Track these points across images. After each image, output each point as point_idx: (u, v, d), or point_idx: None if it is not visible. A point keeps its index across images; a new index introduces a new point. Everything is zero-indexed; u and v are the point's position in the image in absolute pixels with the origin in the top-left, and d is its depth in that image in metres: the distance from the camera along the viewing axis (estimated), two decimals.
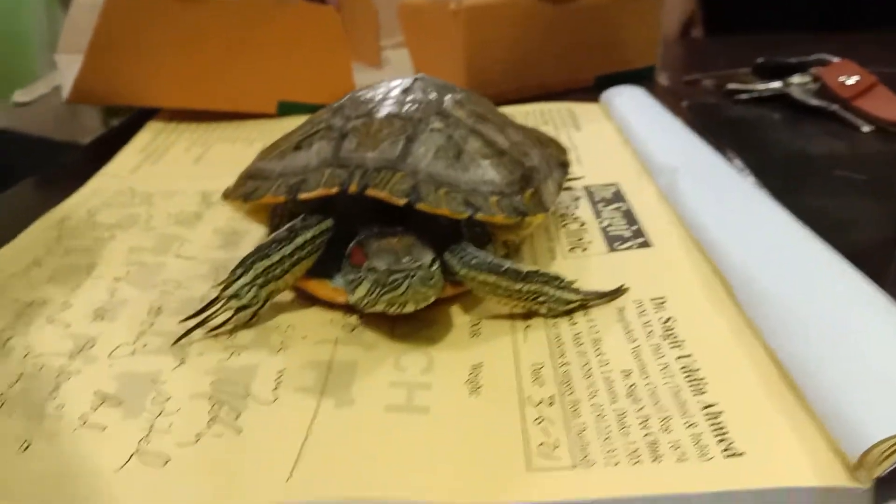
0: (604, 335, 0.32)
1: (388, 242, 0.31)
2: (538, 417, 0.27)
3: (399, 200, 0.32)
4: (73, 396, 0.30)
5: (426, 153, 0.34)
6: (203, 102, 0.66)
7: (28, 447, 0.27)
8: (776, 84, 0.68)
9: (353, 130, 0.35)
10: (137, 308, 0.37)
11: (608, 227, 0.41)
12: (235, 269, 0.33)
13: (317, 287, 0.35)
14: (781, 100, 0.67)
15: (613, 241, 0.39)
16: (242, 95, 0.66)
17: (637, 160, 0.50)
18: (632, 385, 0.29)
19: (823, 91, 0.64)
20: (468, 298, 0.35)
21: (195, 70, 0.64)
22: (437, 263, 0.31)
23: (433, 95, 0.37)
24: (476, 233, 0.35)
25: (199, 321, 0.34)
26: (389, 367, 0.31)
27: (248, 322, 0.34)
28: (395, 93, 0.37)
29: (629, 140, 0.54)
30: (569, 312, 0.34)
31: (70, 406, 0.29)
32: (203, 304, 0.34)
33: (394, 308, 0.31)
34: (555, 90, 0.71)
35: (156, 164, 0.58)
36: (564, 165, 0.43)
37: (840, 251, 0.33)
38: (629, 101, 0.60)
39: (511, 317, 0.34)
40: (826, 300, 0.30)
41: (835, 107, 0.62)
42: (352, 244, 0.32)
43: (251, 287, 0.33)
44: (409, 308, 0.31)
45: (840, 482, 0.23)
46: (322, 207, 0.35)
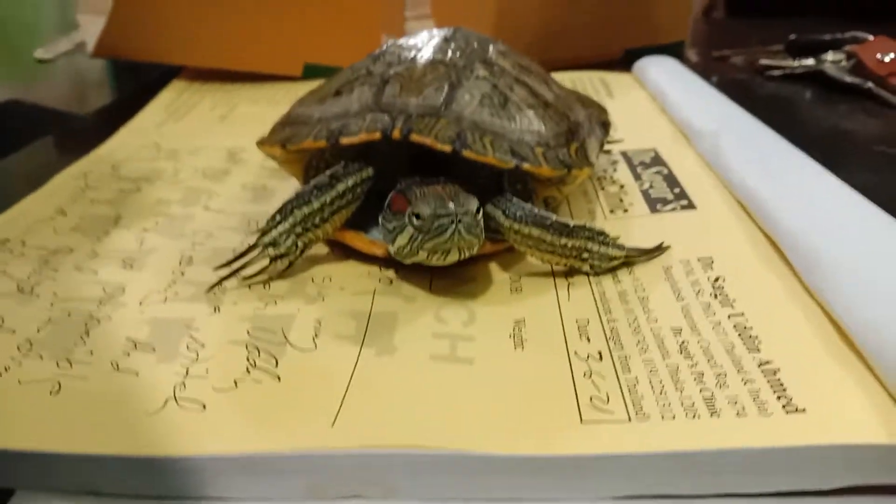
0: (651, 293, 0.31)
1: (433, 189, 0.30)
2: (587, 371, 0.26)
3: (444, 146, 0.31)
4: (104, 342, 0.29)
5: (471, 100, 0.32)
6: (228, 62, 0.64)
7: (59, 391, 0.26)
8: (809, 61, 0.67)
9: (396, 76, 0.34)
10: (167, 257, 0.36)
11: (649, 190, 0.40)
12: (274, 216, 0.32)
13: (354, 238, 0.34)
14: (814, 77, 0.65)
15: (655, 203, 0.38)
16: (268, 56, 0.64)
17: (674, 126, 0.49)
18: (683, 342, 0.28)
19: (858, 68, 0.63)
20: (506, 256, 0.34)
21: (221, 29, 0.63)
22: (482, 213, 0.30)
23: (476, 44, 0.36)
24: (517, 189, 0.34)
25: (235, 269, 0.33)
26: (430, 319, 0.30)
27: (283, 272, 0.33)
28: (437, 41, 0.36)
29: (665, 108, 0.53)
30: (612, 270, 0.33)
31: (101, 351, 0.29)
32: (237, 254, 0.33)
33: (436, 256, 0.30)
34: (584, 62, 0.69)
35: (180, 122, 0.57)
36: (605, 125, 0.41)
37: None
38: (663, 70, 0.59)
39: (552, 274, 0.33)
40: (884, 259, 0.29)
41: (869, 84, 0.61)
42: (392, 193, 0.31)
43: (289, 235, 0.32)
44: (453, 257, 0.30)
45: None
46: (361, 157, 0.33)
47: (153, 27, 0.62)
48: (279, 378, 0.27)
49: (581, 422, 0.24)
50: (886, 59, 0.62)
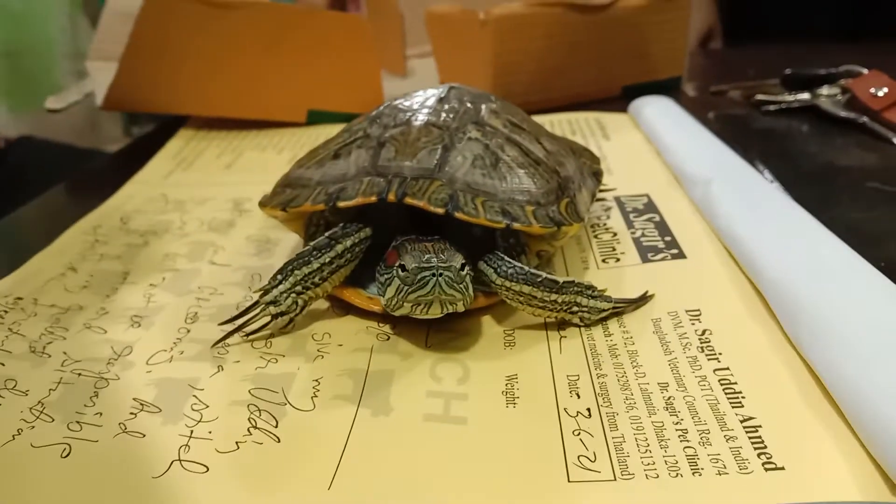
0: (640, 347, 0.32)
1: (422, 245, 0.31)
2: (576, 429, 0.27)
3: (438, 209, 0.32)
4: (112, 403, 0.30)
5: (463, 162, 0.34)
6: (234, 111, 0.66)
7: (69, 454, 0.28)
8: (804, 95, 0.68)
9: (391, 139, 0.35)
10: (173, 314, 0.37)
11: (641, 238, 0.41)
12: (275, 276, 0.34)
13: (352, 295, 0.35)
14: (810, 111, 0.66)
15: (647, 252, 0.39)
16: (272, 104, 0.66)
17: (667, 170, 0.50)
18: (669, 398, 0.29)
19: (853, 102, 0.64)
20: (501, 308, 0.35)
21: (227, 79, 0.65)
22: (468, 270, 0.31)
23: (469, 104, 0.37)
24: (510, 243, 0.35)
25: (237, 326, 0.34)
26: (425, 377, 0.31)
27: (284, 329, 0.35)
28: (431, 102, 0.38)
29: (659, 150, 0.54)
30: (602, 321, 0.34)
31: (109, 413, 0.30)
32: (240, 311, 0.34)
33: (420, 309, 0.31)
34: (582, 100, 0.71)
35: (187, 171, 0.59)
36: (597, 175, 0.43)
37: (874, 264, 0.33)
38: (658, 111, 0.60)
39: (545, 326, 0.34)
40: (864, 313, 0.30)
41: (864, 119, 0.61)
42: (389, 249, 0.33)
43: (290, 294, 0.34)
44: (435, 310, 0.31)
45: (884, 497, 0.23)
46: (359, 216, 0.35)
47: (160, 80, 0.64)
48: (279, 439, 0.28)
49: (568, 481, 0.25)
50: (880, 94, 0.63)
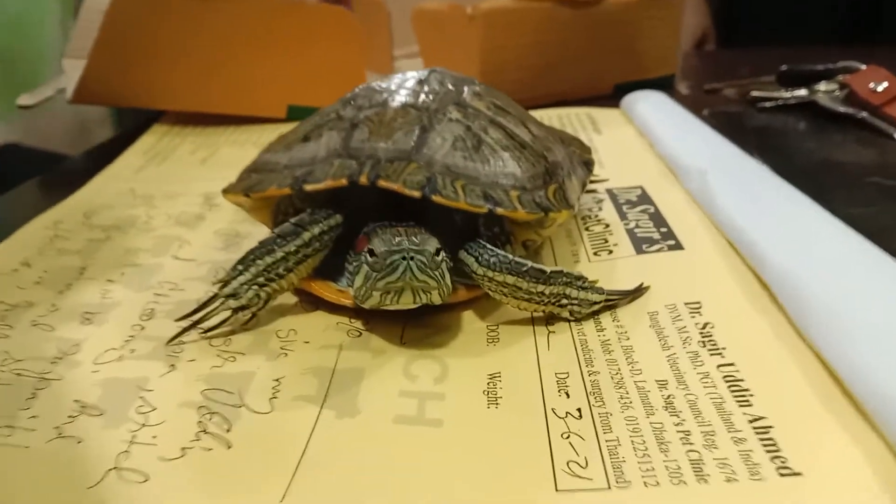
0: (635, 342, 0.29)
1: (394, 230, 0.28)
2: (565, 431, 0.25)
3: (413, 192, 0.29)
4: (51, 406, 0.27)
5: (443, 144, 0.31)
6: (210, 105, 0.63)
7: None
8: (801, 92, 0.66)
9: (365, 120, 0.32)
10: (128, 311, 0.34)
11: (635, 230, 0.38)
12: (235, 266, 0.31)
13: (322, 288, 0.32)
14: (807, 108, 0.64)
15: (642, 244, 0.37)
16: (251, 99, 0.63)
17: (661, 163, 0.48)
18: (669, 396, 0.26)
19: (851, 98, 0.62)
20: (484, 303, 0.32)
21: (202, 72, 0.62)
22: (444, 256, 0.28)
23: (451, 86, 0.35)
24: (494, 232, 0.32)
25: (193, 322, 0.31)
26: (398, 375, 0.28)
27: (246, 325, 0.32)
28: (411, 83, 0.35)
29: (652, 143, 0.51)
30: (593, 314, 0.31)
31: (46, 416, 0.27)
32: (199, 304, 0.31)
33: (389, 297, 0.28)
34: (573, 98, 0.68)
35: (160, 166, 0.56)
36: (588, 164, 0.40)
37: None
38: (651, 105, 0.58)
39: (532, 321, 0.31)
40: (880, 298, 0.27)
41: (863, 114, 0.59)
42: (360, 235, 0.30)
43: (251, 286, 0.31)
44: (406, 299, 0.28)
45: None
46: (330, 203, 0.32)
47: (132, 73, 0.61)
48: (230, 445, 0.25)
49: (556, 490, 0.22)
50: (879, 89, 0.61)
